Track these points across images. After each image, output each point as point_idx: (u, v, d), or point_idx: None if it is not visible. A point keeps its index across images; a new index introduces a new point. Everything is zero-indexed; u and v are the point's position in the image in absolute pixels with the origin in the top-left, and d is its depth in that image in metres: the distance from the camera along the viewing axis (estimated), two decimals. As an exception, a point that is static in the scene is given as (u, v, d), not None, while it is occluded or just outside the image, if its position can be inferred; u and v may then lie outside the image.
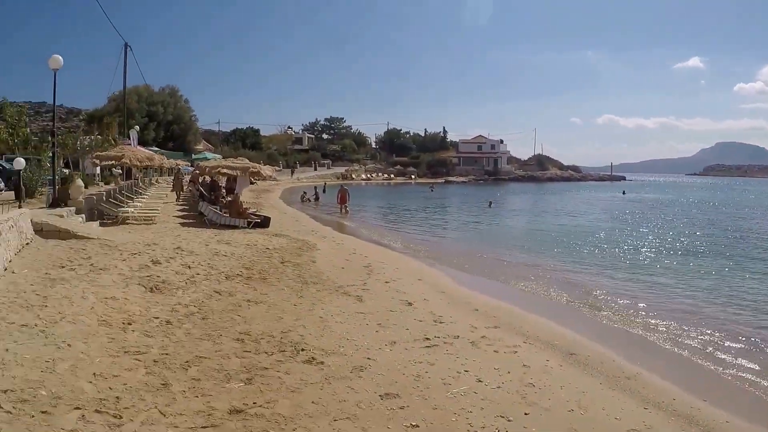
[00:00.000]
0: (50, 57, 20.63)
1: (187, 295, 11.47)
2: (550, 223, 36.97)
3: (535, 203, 63.20)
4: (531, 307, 13.64)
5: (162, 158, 36.00)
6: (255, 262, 15.70)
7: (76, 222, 18.91)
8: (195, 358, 7.92)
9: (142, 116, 76.86)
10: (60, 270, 12.59)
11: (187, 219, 25.92)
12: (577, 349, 10.10)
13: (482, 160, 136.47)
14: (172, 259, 14.80)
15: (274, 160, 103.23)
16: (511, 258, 21.81)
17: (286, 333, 9.46)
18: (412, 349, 9.13)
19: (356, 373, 7.85)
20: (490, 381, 7.87)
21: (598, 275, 18.50)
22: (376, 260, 18.10)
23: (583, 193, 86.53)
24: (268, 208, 36.15)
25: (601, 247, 25.18)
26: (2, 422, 5.59)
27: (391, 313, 11.47)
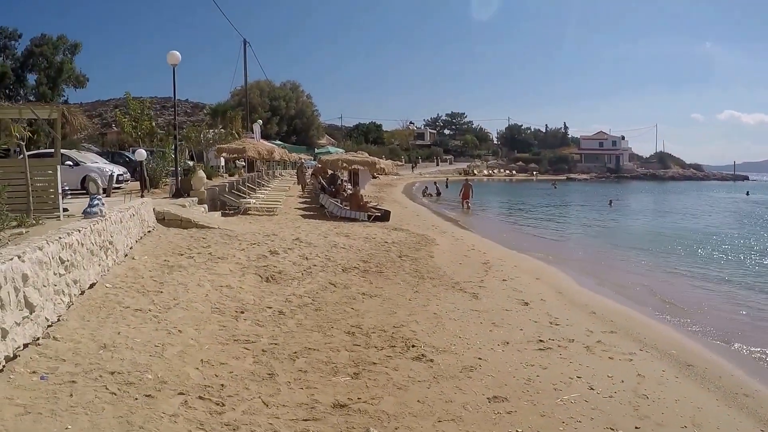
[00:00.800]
0: (169, 53, 21.42)
1: (302, 286, 11.50)
2: (674, 225, 34.85)
3: (657, 203, 60.48)
4: (650, 312, 12.91)
5: (284, 151, 36.73)
6: (372, 255, 15.65)
7: (197, 211, 19.42)
8: (304, 349, 7.88)
9: (264, 110, 79.01)
10: (179, 257, 12.91)
11: (308, 211, 26.24)
12: (695, 361, 9.39)
13: (604, 156, 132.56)
14: (290, 250, 14.95)
15: (396, 155, 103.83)
16: (633, 260, 20.72)
17: (398, 328, 9.28)
18: (524, 351, 8.78)
19: (466, 373, 7.61)
20: (602, 389, 7.44)
21: (721, 283, 17.07)
22: (495, 257, 17.71)
23: (705, 193, 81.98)
24: (389, 203, 36.31)
25: (726, 254, 23.59)
26: (106, 403, 5.69)
27: (506, 312, 11.11)
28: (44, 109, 15.27)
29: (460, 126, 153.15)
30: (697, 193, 79.78)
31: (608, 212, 42.54)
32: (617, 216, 40.79)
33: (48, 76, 57.56)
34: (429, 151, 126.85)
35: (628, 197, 68.27)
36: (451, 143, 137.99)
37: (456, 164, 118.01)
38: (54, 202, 12.84)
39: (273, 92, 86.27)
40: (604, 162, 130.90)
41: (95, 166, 25.32)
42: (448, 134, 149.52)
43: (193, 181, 21.99)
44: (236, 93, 75.88)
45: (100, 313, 8.50)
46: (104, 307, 8.81)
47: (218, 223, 18.13)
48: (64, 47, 58.62)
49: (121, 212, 12.72)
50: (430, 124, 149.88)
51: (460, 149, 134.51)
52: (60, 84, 58.87)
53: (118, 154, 33.61)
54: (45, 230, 9.40)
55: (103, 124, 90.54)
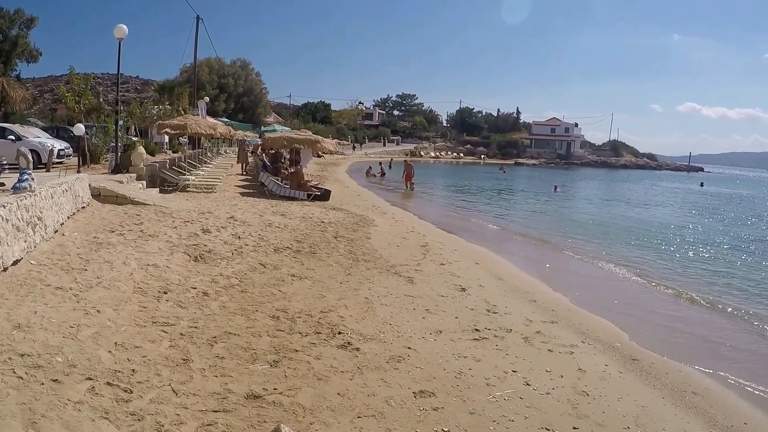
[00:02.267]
0: (116, 27, 20.89)
1: (231, 266, 11.14)
2: (621, 214, 35.00)
3: (606, 190, 61.11)
4: (593, 302, 12.68)
5: (227, 129, 36.00)
6: (307, 235, 15.33)
7: (135, 188, 18.90)
8: (224, 333, 7.56)
9: (212, 88, 77.64)
10: (109, 234, 12.48)
11: (248, 189, 25.75)
12: (640, 355, 9.15)
13: (554, 143, 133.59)
14: (224, 228, 14.56)
15: (343, 134, 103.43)
16: (575, 248, 20.50)
17: (326, 313, 8.98)
18: (458, 341, 8.45)
19: (392, 363, 7.28)
20: (539, 385, 7.13)
21: (669, 273, 16.94)
22: (435, 240, 17.53)
23: (656, 182, 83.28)
24: (331, 182, 35.95)
25: (674, 243, 23.81)
26: (11, 387, 5.39)
27: (441, 298, 10.80)
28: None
29: (410, 107, 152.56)
30: (646, 182, 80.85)
31: (554, 199, 42.78)
32: (562, 202, 41.06)
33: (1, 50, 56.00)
34: (377, 131, 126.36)
35: (577, 184, 68.85)
36: (400, 124, 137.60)
37: (403, 145, 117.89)
38: (-11, 177, 12.31)
39: (222, 70, 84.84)
40: (554, 148, 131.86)
41: (37, 140, 24.66)
42: (398, 115, 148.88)
43: (133, 157, 21.44)
44: (185, 70, 74.24)
45: (20, 291, 8.09)
46: (25, 285, 8.39)
47: (154, 200, 17.61)
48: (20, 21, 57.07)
49: (53, 188, 12.22)
50: (379, 105, 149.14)
51: (409, 131, 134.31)
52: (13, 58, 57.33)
53: (63, 129, 32.82)
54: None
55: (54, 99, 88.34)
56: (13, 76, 56.77)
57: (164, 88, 59.06)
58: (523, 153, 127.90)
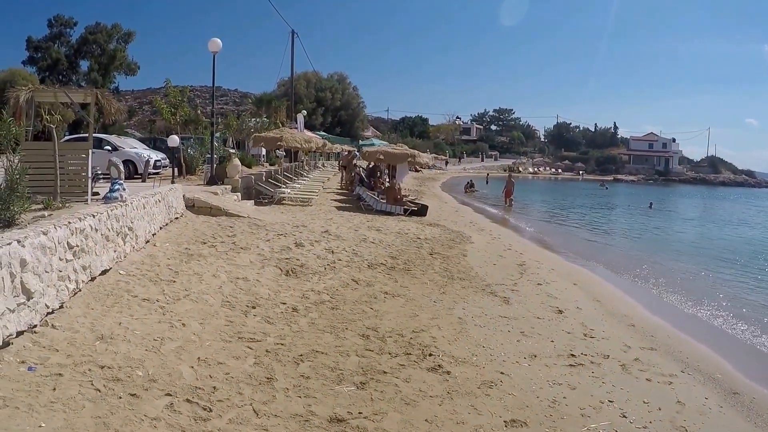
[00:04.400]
0: (210, 41, 21.40)
1: (323, 282, 11.01)
2: (726, 234, 33.77)
3: (705, 208, 58.81)
4: (695, 329, 12.00)
5: (323, 142, 36.34)
6: (402, 251, 15.10)
7: (229, 200, 19.13)
8: (311, 351, 7.35)
9: (310, 101, 79.00)
10: (201, 246, 12.59)
11: (344, 203, 25.80)
12: (742, 388, 8.52)
13: (653, 159, 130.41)
14: (317, 242, 14.51)
15: (440, 149, 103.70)
16: (677, 269, 19.58)
17: (418, 333, 8.67)
18: (553, 367, 8.01)
19: (484, 389, 6.90)
20: (636, 418, 6.64)
21: None
22: (532, 259, 17.04)
23: (756, 201, 79.88)
24: (429, 197, 35.82)
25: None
26: (87, 400, 5.38)
27: (537, 320, 10.35)
28: (78, 94, 15.06)
29: (507, 122, 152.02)
30: (746, 201, 77.61)
31: (655, 218, 41.44)
32: (663, 222, 39.66)
33: (100, 63, 58.82)
34: (474, 146, 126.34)
35: (677, 201, 66.70)
36: (497, 139, 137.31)
37: (501, 160, 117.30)
38: (85, 185, 12.58)
39: (320, 83, 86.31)
40: (653, 164, 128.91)
41: (133, 151, 25.35)
42: (495, 130, 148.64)
43: (228, 169, 21.74)
44: (283, 83, 76.05)
45: (107, 302, 8.18)
46: (112, 295, 8.48)
47: (249, 212, 17.79)
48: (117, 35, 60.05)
49: (146, 198, 12.43)
50: (476, 120, 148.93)
51: (506, 145, 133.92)
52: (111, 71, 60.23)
53: (160, 140, 33.70)
54: (71, 213, 9.10)
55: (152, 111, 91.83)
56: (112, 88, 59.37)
57: (261, 101, 60.27)
58: (621, 169, 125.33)
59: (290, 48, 55.78)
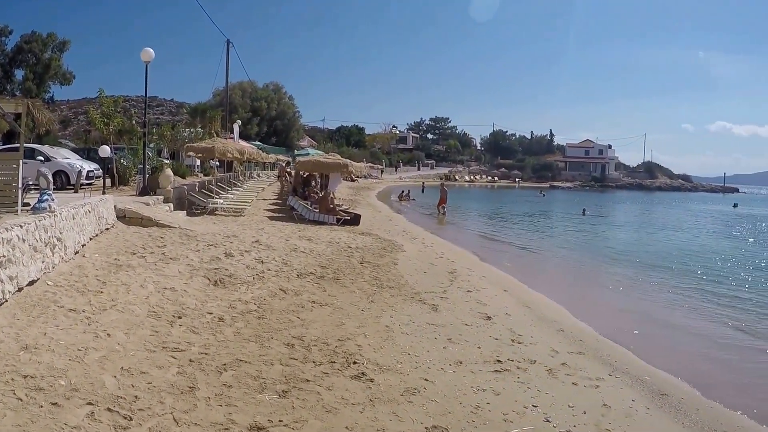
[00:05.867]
0: (143, 51, 21.26)
1: (251, 292, 11.03)
2: (659, 240, 34.64)
3: (640, 214, 60.11)
4: (622, 332, 12.40)
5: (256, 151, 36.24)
6: (332, 260, 15.19)
7: (161, 210, 19.01)
8: (235, 361, 7.40)
9: (245, 111, 78.58)
10: (130, 257, 12.51)
11: (277, 213, 25.78)
12: (670, 389, 8.75)
13: (589, 165, 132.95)
14: (247, 252, 14.52)
15: (377, 158, 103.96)
16: (609, 275, 20.05)
17: (343, 341, 8.76)
18: (478, 373, 8.12)
19: (407, 396, 6.98)
20: (560, 422, 6.77)
21: (704, 302, 16.18)
22: (464, 266, 17.28)
23: (691, 205, 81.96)
24: (363, 206, 35.98)
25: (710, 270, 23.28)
26: (9, 409, 5.40)
27: (465, 327, 10.50)
28: (10, 104, 14.80)
29: (443, 131, 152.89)
30: (682, 205, 79.55)
31: (588, 224, 42.28)
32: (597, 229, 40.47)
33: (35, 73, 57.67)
34: (411, 155, 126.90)
35: (614, 207, 68.04)
36: (434, 148, 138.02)
37: (438, 169, 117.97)
38: (15, 196, 12.38)
39: (255, 93, 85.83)
40: (589, 170, 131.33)
41: (66, 161, 24.98)
42: (431, 139, 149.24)
43: (160, 179, 21.59)
44: (218, 93, 75.32)
45: (33, 312, 8.11)
46: (38, 306, 8.41)
47: (180, 223, 17.69)
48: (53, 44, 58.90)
49: (75, 209, 12.30)
50: (413, 128, 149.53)
51: (443, 154, 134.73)
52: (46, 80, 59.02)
53: (94, 151, 33.15)
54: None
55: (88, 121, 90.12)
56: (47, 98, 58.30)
57: (196, 111, 59.85)
58: (558, 176, 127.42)
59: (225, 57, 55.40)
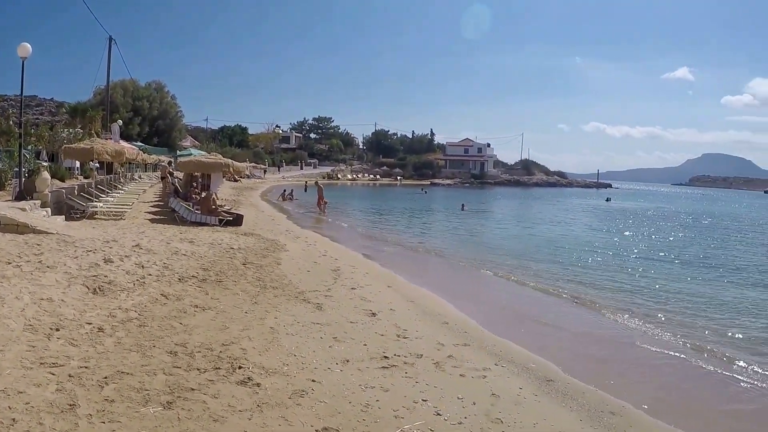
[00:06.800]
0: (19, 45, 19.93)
1: (131, 299, 10.51)
2: (534, 232, 35.38)
3: (517, 208, 62.04)
4: (506, 322, 12.67)
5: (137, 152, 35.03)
6: (215, 262, 14.76)
7: (38, 216, 18.00)
8: (116, 373, 6.97)
9: (126, 111, 75.73)
10: (5, 266, 11.69)
11: (159, 216, 24.93)
12: (556, 375, 8.99)
13: (469, 163, 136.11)
14: (127, 257, 13.86)
15: (260, 158, 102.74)
16: (489, 269, 20.38)
17: (228, 346, 8.45)
18: (366, 370, 8.05)
19: (295, 399, 6.80)
20: (450, 414, 6.78)
21: (579, 292, 16.80)
22: (347, 264, 17.22)
23: (567, 199, 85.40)
24: (246, 206, 35.36)
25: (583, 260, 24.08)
26: None
27: (350, 324, 10.44)
28: None
29: (326, 130, 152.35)
30: (557, 200, 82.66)
31: (468, 219, 43.08)
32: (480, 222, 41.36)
33: None
34: (294, 154, 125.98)
35: (492, 203, 69.66)
36: (317, 147, 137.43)
37: (321, 168, 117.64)
38: None
39: (137, 92, 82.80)
40: (468, 168, 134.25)
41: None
42: (314, 138, 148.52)
43: (37, 183, 20.42)
44: (99, 92, 72.26)
45: None
46: None
47: (58, 228, 16.76)
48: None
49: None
50: (296, 128, 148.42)
51: (326, 153, 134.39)
52: None
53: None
54: None
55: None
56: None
57: (76, 110, 57.02)
58: (438, 174, 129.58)
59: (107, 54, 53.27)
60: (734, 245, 34.21)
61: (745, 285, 19.94)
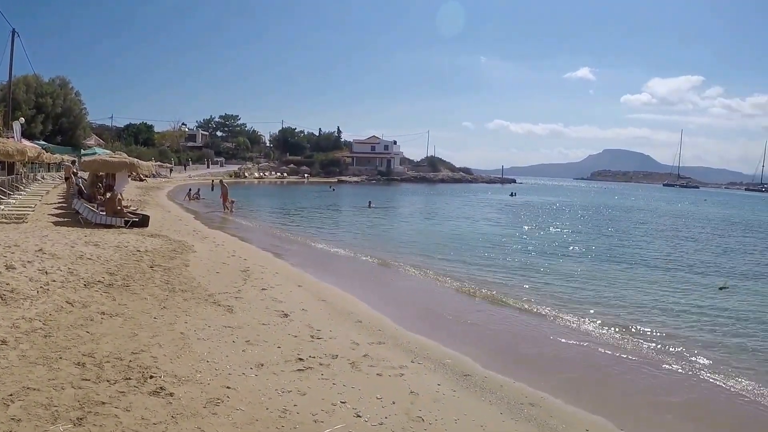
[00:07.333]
0: None
1: (35, 307, 9.89)
2: (441, 228, 35.85)
3: (426, 205, 62.49)
4: (420, 319, 12.69)
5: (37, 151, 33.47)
6: (121, 266, 14.15)
7: (-67, 219, 16.98)
8: (22, 389, 6.51)
9: (29, 108, 72.34)
10: None
11: (63, 218, 23.79)
12: (472, 370, 9.07)
13: (375, 160, 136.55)
14: (30, 263, 13.04)
15: (166, 157, 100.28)
16: (398, 265, 20.49)
17: (137, 354, 8.06)
18: (281, 374, 7.85)
19: (210, 408, 6.53)
20: (371, 415, 6.71)
21: (489, 287, 17.00)
22: (256, 264, 16.94)
23: (472, 195, 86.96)
24: (152, 206, 34.33)
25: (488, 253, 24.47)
26: None
27: (263, 326, 10.21)
28: None
29: (233, 128, 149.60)
30: (463, 195, 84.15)
31: (374, 216, 43.18)
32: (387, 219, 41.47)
33: None
34: (200, 153, 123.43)
35: (398, 199, 70.05)
36: (223, 145, 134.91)
37: (227, 166, 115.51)
38: None
39: (40, 88, 79.15)
40: (375, 165, 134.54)
41: None
42: (221, 136, 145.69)
43: (-70, 186, 19.34)
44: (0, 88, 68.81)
45: None
46: None
47: (-45, 233, 15.90)
48: None
49: None
50: (202, 126, 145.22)
51: (232, 151, 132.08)
52: None
53: None
54: None
55: None
56: None
57: (-24, 108, 54.25)
58: (345, 171, 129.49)
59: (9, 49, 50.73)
60: (639, 236, 36.29)
61: (652, 271, 21.53)
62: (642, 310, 14.93)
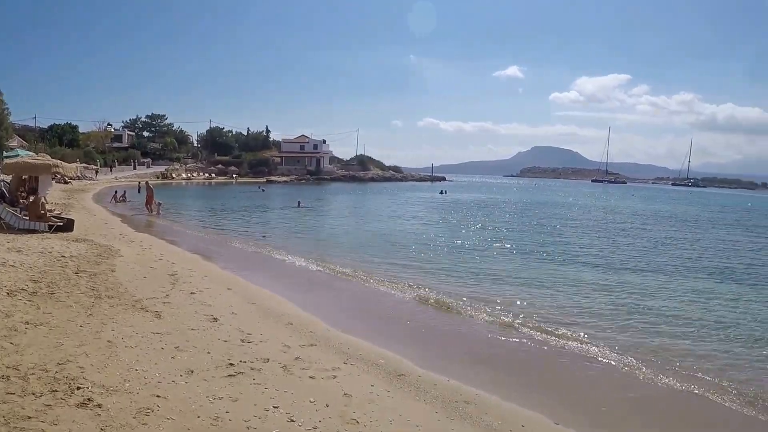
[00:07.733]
0: None
1: (-44, 319, 9.46)
2: (370, 227, 35.82)
3: (356, 204, 62.43)
4: (351, 319, 12.70)
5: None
6: (45, 273, 13.63)
7: None
8: None
9: (-53, 108, 69.40)
10: None
11: (-18, 223, 22.85)
12: (406, 369, 9.06)
13: (305, 159, 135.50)
14: (-52, 273, 12.57)
15: (91, 158, 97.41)
16: (327, 265, 20.42)
17: (63, 365, 7.74)
18: (212, 380, 7.68)
19: (140, 418, 6.30)
20: (304, 419, 6.61)
21: (420, 284, 17.22)
22: (184, 267, 16.66)
23: (402, 193, 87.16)
24: (77, 210, 33.26)
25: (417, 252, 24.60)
26: None
27: (192, 332, 9.99)
28: None
29: (160, 128, 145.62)
30: (393, 194, 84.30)
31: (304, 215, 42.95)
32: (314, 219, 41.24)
33: None
34: (127, 153, 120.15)
35: (327, 198, 69.77)
36: (150, 146, 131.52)
37: (154, 167, 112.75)
38: None
39: (-41, 88, 76.08)
40: (305, 164, 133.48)
41: None
42: (148, 136, 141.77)
43: None
44: None
45: None
46: None
47: None
48: None
49: None
50: (128, 126, 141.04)
51: (160, 152, 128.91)
52: None
53: None
54: None
55: None
56: None
57: None
58: (274, 171, 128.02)
59: None
60: (569, 230, 37.12)
61: (584, 265, 22.25)
62: (573, 307, 15.26)
